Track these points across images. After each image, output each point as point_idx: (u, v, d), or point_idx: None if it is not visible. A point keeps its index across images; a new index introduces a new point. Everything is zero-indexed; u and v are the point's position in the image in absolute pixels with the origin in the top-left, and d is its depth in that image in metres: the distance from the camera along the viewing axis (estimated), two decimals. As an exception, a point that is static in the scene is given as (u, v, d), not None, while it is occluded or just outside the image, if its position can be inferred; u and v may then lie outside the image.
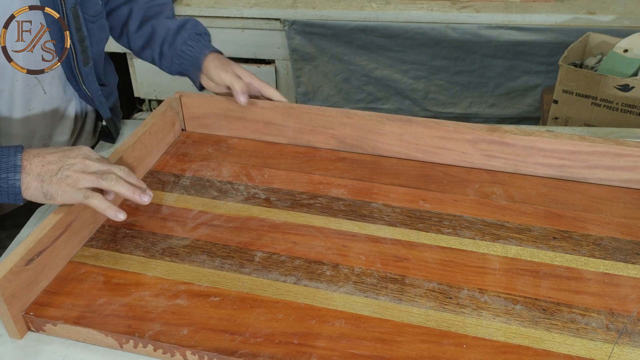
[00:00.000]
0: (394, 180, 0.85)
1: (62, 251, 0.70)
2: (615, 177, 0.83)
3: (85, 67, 0.87)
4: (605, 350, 0.60)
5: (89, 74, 0.89)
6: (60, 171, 0.67)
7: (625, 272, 0.69)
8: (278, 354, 0.59)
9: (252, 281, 0.68)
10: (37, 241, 0.65)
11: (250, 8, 2.10)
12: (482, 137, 0.84)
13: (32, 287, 0.65)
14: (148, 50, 0.99)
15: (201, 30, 0.97)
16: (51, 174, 0.66)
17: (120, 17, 0.99)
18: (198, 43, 0.95)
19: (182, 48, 0.94)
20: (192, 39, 0.95)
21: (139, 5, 0.99)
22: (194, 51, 0.94)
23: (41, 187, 0.66)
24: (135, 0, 0.99)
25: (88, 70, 0.88)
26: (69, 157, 0.68)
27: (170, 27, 0.96)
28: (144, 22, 0.98)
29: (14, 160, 0.65)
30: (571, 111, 1.76)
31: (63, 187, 0.66)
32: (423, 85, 2.19)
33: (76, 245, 0.73)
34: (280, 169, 0.88)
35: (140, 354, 0.62)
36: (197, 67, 0.94)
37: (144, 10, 0.98)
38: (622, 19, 1.96)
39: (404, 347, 0.60)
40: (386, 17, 2.05)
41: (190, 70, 0.95)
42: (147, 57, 1.00)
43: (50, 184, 0.66)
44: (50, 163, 0.67)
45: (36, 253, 0.65)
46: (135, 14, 0.98)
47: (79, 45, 0.85)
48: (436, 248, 0.73)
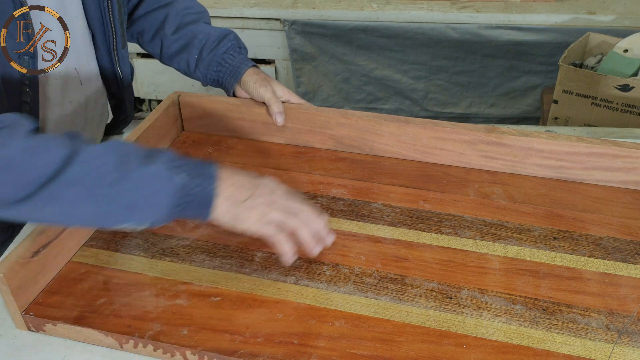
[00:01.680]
0: (394, 180, 0.85)
1: (68, 243, 0.70)
2: (613, 179, 0.83)
3: (123, 49, 0.92)
4: (605, 350, 0.60)
5: (125, 57, 0.94)
6: (251, 199, 0.64)
7: (625, 272, 0.69)
8: (278, 354, 0.59)
9: (252, 281, 0.68)
10: (43, 233, 0.66)
11: (250, 8, 2.10)
12: (479, 137, 0.85)
13: (38, 279, 0.66)
14: (184, 54, 0.99)
15: (241, 44, 0.99)
16: (242, 199, 0.64)
17: (156, 20, 1.00)
18: (239, 55, 0.96)
19: (224, 57, 0.96)
20: (234, 50, 0.97)
21: (175, 10, 0.99)
22: (235, 61, 0.95)
23: (231, 209, 0.63)
24: (172, 5, 1.00)
25: (125, 53, 0.93)
26: (259, 187, 0.66)
27: (212, 34, 0.97)
28: (181, 27, 0.99)
29: (213, 170, 0.63)
30: (571, 111, 1.76)
31: (253, 215, 0.64)
32: (423, 85, 2.19)
33: (81, 239, 0.73)
34: (280, 169, 0.88)
35: (140, 354, 0.62)
36: (236, 78, 0.95)
37: (181, 15, 0.99)
38: (622, 19, 1.96)
39: (404, 347, 0.60)
40: (386, 17, 2.05)
41: (227, 80, 0.96)
42: (182, 61, 1.00)
43: (242, 209, 0.63)
44: (243, 187, 0.64)
45: (42, 245, 0.65)
46: (172, 19, 0.99)
47: (119, 28, 0.89)
48: (436, 248, 0.73)
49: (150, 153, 0.62)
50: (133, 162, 0.60)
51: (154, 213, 0.60)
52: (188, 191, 0.61)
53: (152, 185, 0.59)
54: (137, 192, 0.59)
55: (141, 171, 0.59)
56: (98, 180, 0.58)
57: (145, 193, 0.59)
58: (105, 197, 0.58)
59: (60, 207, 0.58)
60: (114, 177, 0.58)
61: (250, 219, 0.64)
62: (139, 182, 0.59)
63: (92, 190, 0.58)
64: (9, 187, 0.57)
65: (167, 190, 0.60)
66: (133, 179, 0.59)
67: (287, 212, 0.65)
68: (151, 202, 0.59)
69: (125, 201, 0.59)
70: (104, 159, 0.59)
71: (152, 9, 1.00)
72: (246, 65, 0.95)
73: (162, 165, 0.61)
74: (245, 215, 0.63)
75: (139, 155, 0.61)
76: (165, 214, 0.60)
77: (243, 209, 0.63)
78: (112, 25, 0.88)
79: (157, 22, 1.00)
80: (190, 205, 0.61)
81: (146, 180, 0.59)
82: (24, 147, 0.58)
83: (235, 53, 0.96)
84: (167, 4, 1.00)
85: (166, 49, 1.00)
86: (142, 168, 0.60)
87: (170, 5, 1.00)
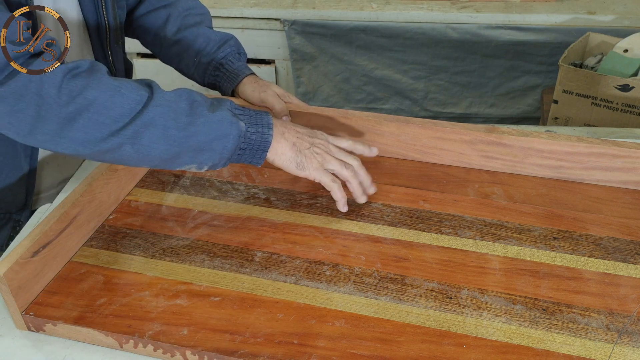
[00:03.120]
0: (394, 180, 0.85)
1: (68, 243, 0.70)
2: (613, 179, 0.83)
3: (117, 44, 0.93)
4: (605, 350, 0.60)
5: (118, 52, 0.94)
6: (312, 147, 0.73)
7: (625, 272, 0.69)
8: (278, 354, 0.59)
9: (252, 281, 0.68)
10: (43, 233, 0.66)
11: (250, 8, 2.10)
12: (479, 137, 0.85)
13: (38, 279, 0.66)
14: (183, 56, 0.99)
15: (241, 50, 1.01)
16: (304, 147, 0.72)
17: (157, 20, 1.00)
18: (238, 62, 0.99)
19: (222, 62, 0.98)
20: (234, 56, 0.99)
21: (177, 10, 0.99)
22: (234, 67, 0.98)
23: (296, 156, 0.72)
24: (174, 5, 1.00)
25: (117, 48, 0.94)
26: (317, 137, 0.75)
27: (212, 38, 0.99)
28: (183, 29, 0.99)
29: (267, 119, 0.70)
30: (571, 111, 1.76)
31: (314, 162, 0.73)
32: (423, 85, 2.19)
33: (81, 238, 0.73)
34: (280, 169, 0.88)
35: (140, 354, 0.62)
36: (233, 83, 0.97)
37: (182, 17, 1.00)
38: (622, 19, 1.96)
39: (404, 347, 0.60)
40: (386, 17, 2.05)
41: (224, 85, 0.98)
42: (181, 63, 1.01)
43: (304, 156, 0.72)
44: (303, 136, 0.73)
45: (42, 245, 0.65)
46: (174, 20, 0.99)
47: (113, 22, 0.89)
48: (436, 248, 0.73)
49: (215, 101, 0.70)
50: (201, 108, 0.67)
51: (218, 155, 0.67)
52: (249, 136, 0.69)
53: (218, 130, 0.66)
54: (205, 135, 0.66)
55: (209, 116, 0.66)
56: (173, 123, 0.64)
57: (211, 137, 0.66)
58: (177, 139, 0.65)
59: (137, 147, 0.64)
60: (186, 121, 0.65)
61: (311, 166, 0.73)
62: (206, 127, 0.66)
63: (166, 132, 0.64)
64: (94, 126, 0.63)
65: (232, 134, 0.67)
66: (201, 123, 0.66)
67: (341, 162, 0.75)
68: (215, 146, 0.67)
69: (194, 143, 0.66)
70: (177, 104, 0.66)
71: (154, 8, 1.00)
72: (244, 72, 0.97)
73: (227, 112, 0.68)
74: (310, 161, 0.73)
75: (206, 103, 0.68)
76: (226, 157, 0.68)
77: (307, 156, 0.72)
78: (105, 18, 0.87)
79: (158, 21, 1.00)
80: (249, 149, 0.69)
81: (213, 125, 0.66)
82: (106, 88, 0.63)
83: (234, 59, 0.98)
84: (169, 4, 1.00)
85: (166, 49, 1.00)
86: (209, 114, 0.67)
87: (172, 6, 1.00)
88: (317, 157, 0.73)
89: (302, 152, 0.72)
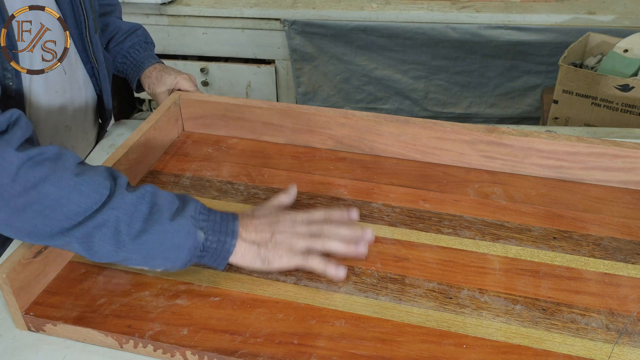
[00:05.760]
0: (394, 180, 0.85)
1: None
2: (614, 179, 0.83)
3: (95, 34, 0.92)
4: (605, 350, 0.60)
5: (97, 42, 0.94)
6: (274, 236, 0.67)
7: (625, 272, 0.69)
8: (278, 354, 0.59)
9: (252, 281, 0.68)
10: None
11: (250, 8, 2.10)
12: (479, 137, 0.85)
13: (39, 279, 0.66)
14: None
15: (149, 40, 1.07)
16: (265, 239, 0.67)
17: None
18: (145, 51, 1.04)
19: (129, 51, 1.04)
20: (141, 46, 1.05)
21: None
22: (140, 56, 1.04)
23: (258, 252, 0.66)
24: None
25: (97, 38, 0.93)
26: (278, 222, 0.69)
27: (122, 27, 1.04)
28: None
29: (233, 227, 0.65)
30: (571, 111, 1.76)
31: (279, 252, 0.67)
32: (423, 85, 2.19)
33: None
34: (280, 169, 0.88)
35: (140, 354, 0.62)
36: (139, 71, 1.03)
37: None
38: (622, 19, 1.96)
39: (404, 347, 0.60)
40: (386, 17, 2.05)
41: (131, 73, 1.04)
42: None
43: (267, 250, 0.66)
44: (263, 231, 0.67)
45: (44, 245, 0.65)
46: None
47: (90, 11, 0.89)
48: (436, 248, 0.73)
49: (181, 205, 0.64)
50: (160, 215, 0.62)
51: (171, 263, 0.64)
52: (208, 245, 0.64)
53: (172, 240, 0.62)
54: (158, 245, 0.62)
55: (166, 225, 0.62)
56: (125, 229, 0.60)
57: (164, 247, 0.62)
58: (127, 245, 0.61)
59: (86, 247, 0.61)
60: (139, 228, 0.61)
61: (279, 257, 0.67)
62: (160, 236, 0.62)
63: (117, 236, 0.60)
64: (44, 221, 0.59)
65: (187, 246, 0.63)
66: (156, 231, 0.61)
67: (310, 236, 0.68)
68: (169, 255, 0.63)
69: (145, 251, 0.62)
70: (137, 207, 0.61)
71: None
72: (150, 61, 1.02)
73: (187, 221, 0.63)
74: (273, 254, 0.67)
75: (170, 208, 0.63)
76: (179, 265, 0.64)
77: (270, 249, 0.67)
78: (82, 7, 0.87)
79: None
80: (208, 256, 0.65)
81: (167, 235, 0.62)
82: (65, 184, 0.59)
83: (140, 49, 1.04)
84: None
85: None
86: (167, 223, 0.62)
87: None
88: (282, 245, 0.67)
89: (264, 246, 0.67)
